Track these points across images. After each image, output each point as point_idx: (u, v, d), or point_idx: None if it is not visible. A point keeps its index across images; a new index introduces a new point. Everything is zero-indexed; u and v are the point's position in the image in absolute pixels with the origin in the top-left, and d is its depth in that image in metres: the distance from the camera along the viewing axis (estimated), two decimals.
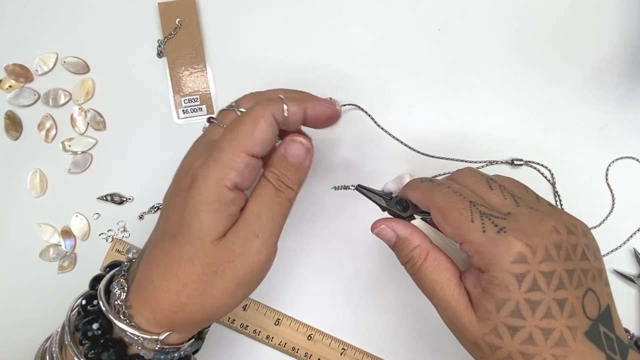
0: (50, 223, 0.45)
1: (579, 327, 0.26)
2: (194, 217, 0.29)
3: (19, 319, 0.44)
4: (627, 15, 0.46)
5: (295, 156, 0.32)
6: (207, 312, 0.30)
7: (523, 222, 0.27)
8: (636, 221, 0.45)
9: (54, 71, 0.46)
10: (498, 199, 0.29)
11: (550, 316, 0.26)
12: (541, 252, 0.26)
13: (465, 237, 0.28)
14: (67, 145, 0.45)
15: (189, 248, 0.29)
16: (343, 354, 0.43)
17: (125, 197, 0.45)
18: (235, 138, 0.29)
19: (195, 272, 0.29)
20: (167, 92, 0.46)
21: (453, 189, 0.30)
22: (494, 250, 0.26)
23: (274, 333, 0.44)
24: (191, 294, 0.29)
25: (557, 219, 0.27)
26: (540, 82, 0.46)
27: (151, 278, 0.29)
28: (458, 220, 0.28)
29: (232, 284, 0.29)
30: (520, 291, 0.26)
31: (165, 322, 0.29)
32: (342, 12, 0.46)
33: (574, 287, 0.26)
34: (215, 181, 0.29)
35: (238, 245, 0.29)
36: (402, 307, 0.44)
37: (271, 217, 0.30)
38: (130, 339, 0.29)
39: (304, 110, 0.32)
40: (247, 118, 0.30)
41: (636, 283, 0.44)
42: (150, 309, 0.29)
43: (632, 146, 0.45)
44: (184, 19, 0.45)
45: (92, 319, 0.30)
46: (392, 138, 0.45)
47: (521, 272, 0.26)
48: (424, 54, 0.46)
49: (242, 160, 0.29)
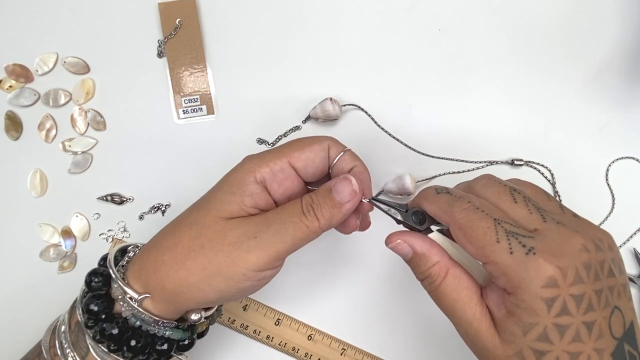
0: (50, 223, 0.45)
1: (605, 349, 0.25)
2: (213, 192, 0.31)
3: (19, 319, 0.44)
4: (627, 15, 0.46)
5: (339, 192, 0.31)
6: (177, 282, 0.29)
7: (552, 241, 0.25)
8: (636, 221, 0.45)
9: (54, 71, 0.46)
10: (523, 214, 0.27)
11: (578, 340, 0.25)
12: (572, 275, 0.25)
13: (491, 258, 0.26)
14: (67, 146, 0.45)
15: (195, 214, 0.30)
16: (343, 354, 0.43)
17: (125, 197, 0.45)
18: (287, 146, 0.31)
19: (188, 236, 0.30)
20: (167, 92, 0.46)
21: (474, 204, 0.27)
22: (523, 274, 0.25)
23: (274, 333, 0.44)
24: (173, 257, 0.30)
25: (585, 234, 0.26)
26: (540, 82, 0.46)
27: (154, 238, 0.31)
28: (482, 240, 0.26)
29: (210, 267, 0.29)
30: (550, 316, 0.25)
31: (145, 281, 0.30)
32: (343, 12, 0.46)
33: (602, 308, 0.25)
34: (247, 170, 0.30)
35: (234, 235, 0.29)
36: (402, 307, 0.44)
37: (279, 231, 0.29)
38: (115, 291, 0.31)
39: (352, 166, 0.32)
40: (307, 138, 0.32)
41: (636, 283, 0.44)
42: (139, 263, 0.31)
43: (632, 146, 0.45)
44: (184, 19, 0.45)
45: (93, 284, 0.32)
46: (392, 138, 0.45)
47: (551, 297, 0.25)
48: (424, 54, 0.46)
49: (280, 163, 0.30)
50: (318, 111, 0.44)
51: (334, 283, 0.45)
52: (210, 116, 0.46)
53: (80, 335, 0.32)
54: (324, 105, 0.44)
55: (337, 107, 0.44)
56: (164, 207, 0.45)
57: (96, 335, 0.30)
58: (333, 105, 0.44)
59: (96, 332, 0.30)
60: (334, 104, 0.44)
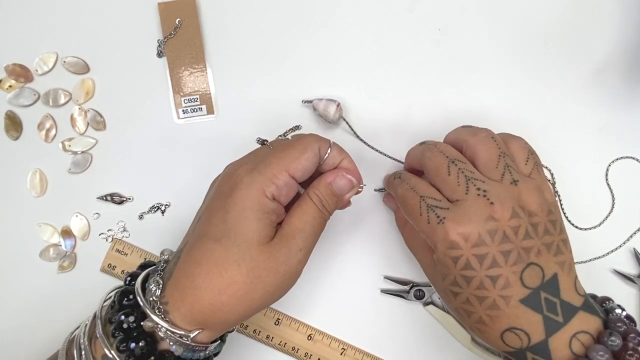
0: (50, 223, 0.45)
1: (513, 295, 0.31)
2: (240, 221, 0.31)
3: (19, 319, 0.44)
4: (627, 15, 0.46)
5: (340, 188, 0.36)
6: (242, 313, 0.32)
7: (463, 212, 0.32)
8: (636, 221, 0.45)
9: (54, 71, 0.46)
10: (452, 185, 0.33)
11: (482, 287, 0.31)
12: (474, 238, 0.31)
13: (417, 225, 0.34)
14: (67, 145, 0.45)
15: (236, 251, 0.31)
16: (343, 354, 0.43)
17: (125, 197, 0.45)
18: (283, 157, 0.33)
19: (240, 273, 0.31)
20: (167, 92, 0.46)
21: (411, 185, 0.35)
22: (435, 238, 0.33)
23: (274, 333, 0.44)
24: (233, 295, 0.31)
25: (503, 204, 0.32)
26: (540, 82, 0.46)
27: (192, 277, 0.31)
28: (412, 212, 0.34)
29: (271, 289, 0.32)
30: (456, 269, 0.32)
31: (200, 320, 0.31)
32: (342, 12, 0.46)
33: (511, 264, 0.31)
34: (257, 190, 0.31)
35: (283, 255, 0.32)
36: (401, 307, 0.44)
37: (312, 233, 0.34)
38: (163, 334, 0.30)
39: (342, 159, 0.37)
40: (298, 144, 0.34)
41: (636, 283, 0.44)
42: (188, 306, 0.31)
43: (632, 146, 0.45)
44: (184, 19, 0.45)
45: (128, 312, 0.31)
46: (380, 152, 0.45)
47: (456, 256, 0.32)
48: (424, 54, 0.46)
49: (283, 178, 0.32)
50: (320, 106, 0.44)
51: (333, 283, 0.45)
52: (210, 116, 0.46)
53: None
54: (328, 106, 0.43)
55: (337, 115, 0.43)
56: (163, 207, 0.45)
57: None
58: (335, 112, 0.43)
59: None
60: (337, 112, 0.43)
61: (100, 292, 0.44)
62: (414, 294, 0.43)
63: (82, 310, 0.44)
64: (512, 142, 0.36)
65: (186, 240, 0.34)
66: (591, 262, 0.44)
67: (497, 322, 0.32)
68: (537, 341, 0.31)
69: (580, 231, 0.45)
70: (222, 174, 0.36)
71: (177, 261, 0.32)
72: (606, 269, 0.44)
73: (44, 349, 0.44)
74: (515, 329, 0.31)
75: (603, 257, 0.44)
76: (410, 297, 0.43)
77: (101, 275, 0.45)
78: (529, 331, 0.31)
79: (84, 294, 0.44)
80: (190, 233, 0.34)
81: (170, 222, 0.45)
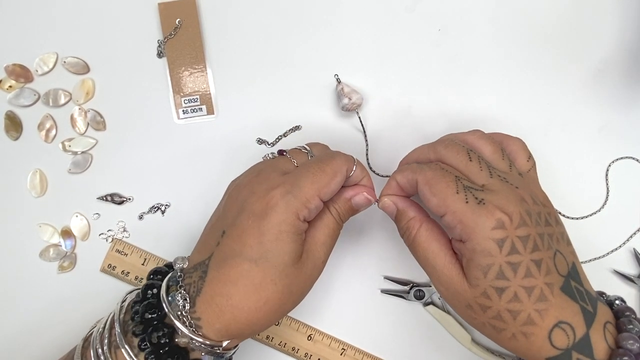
0: (50, 223, 0.45)
1: (555, 283, 0.30)
2: (277, 244, 0.32)
3: (19, 319, 0.44)
4: (627, 15, 0.46)
5: (358, 204, 0.37)
6: (272, 322, 0.34)
7: (498, 194, 0.31)
8: (636, 221, 0.45)
9: (54, 71, 0.46)
10: (475, 170, 0.33)
11: (530, 275, 0.29)
12: (517, 219, 0.30)
13: (451, 207, 0.31)
14: (67, 146, 0.45)
15: (273, 271, 0.32)
16: (343, 354, 0.43)
17: (125, 197, 0.45)
18: (316, 182, 0.34)
19: (276, 291, 0.32)
20: (167, 92, 0.46)
21: (439, 165, 0.34)
22: (476, 219, 0.30)
23: (274, 333, 0.44)
24: (269, 311, 0.32)
25: (523, 189, 0.32)
26: (540, 82, 0.46)
27: (228, 296, 0.32)
28: (445, 192, 0.32)
29: (299, 299, 0.35)
30: (502, 255, 0.30)
31: (234, 334, 0.32)
32: (342, 13, 0.46)
33: (546, 249, 0.30)
34: (293, 214, 0.33)
35: (309, 268, 0.34)
36: (401, 307, 0.44)
37: (331, 244, 0.36)
38: (196, 347, 0.32)
39: (363, 177, 0.37)
40: (329, 168, 0.34)
41: (636, 283, 0.44)
42: (224, 323, 0.32)
43: (632, 146, 0.45)
44: (184, 19, 0.45)
45: (158, 326, 0.32)
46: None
47: (501, 238, 0.29)
48: (424, 54, 0.46)
49: (315, 202, 0.33)
50: (346, 89, 0.43)
51: (333, 283, 0.45)
52: (210, 116, 0.46)
53: None
54: (353, 93, 0.43)
55: (358, 104, 0.44)
56: (163, 207, 0.45)
57: None
58: (357, 99, 0.43)
59: None
60: (358, 101, 0.43)
61: (101, 292, 0.44)
62: (414, 294, 0.43)
63: (82, 311, 0.44)
64: (511, 141, 0.37)
65: (210, 252, 0.33)
66: (591, 262, 0.44)
67: (547, 317, 0.29)
68: (580, 336, 0.30)
69: (580, 231, 0.45)
70: (246, 190, 0.35)
71: (203, 276, 0.33)
72: (606, 269, 0.44)
73: (44, 349, 0.44)
74: (563, 322, 0.30)
75: (603, 257, 0.44)
76: (410, 297, 0.43)
77: (101, 276, 0.45)
78: (573, 324, 0.30)
79: (84, 294, 0.44)
80: (215, 246, 0.34)
81: (170, 222, 0.45)
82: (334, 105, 0.46)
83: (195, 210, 0.45)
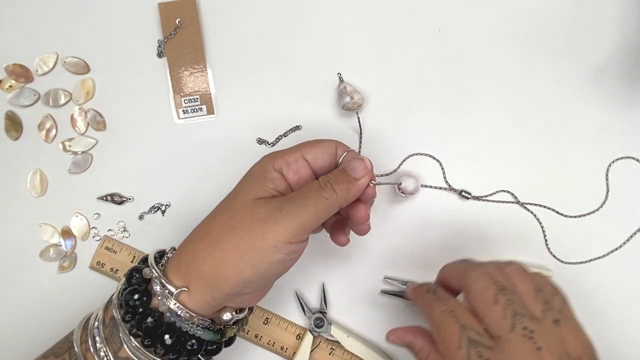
0: (50, 223, 0.45)
1: None
2: (239, 183, 0.34)
3: (19, 319, 0.44)
4: (627, 15, 0.46)
5: (354, 169, 0.33)
6: (213, 264, 0.31)
7: (507, 356, 0.28)
8: (636, 221, 0.44)
9: (54, 71, 0.46)
10: (497, 317, 0.30)
11: None
12: None
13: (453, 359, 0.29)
14: (67, 145, 0.45)
15: (225, 202, 0.34)
16: (332, 354, 0.43)
17: (125, 197, 0.45)
18: (300, 145, 0.35)
19: (220, 221, 0.32)
20: (167, 92, 0.46)
21: (450, 307, 0.31)
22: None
23: (263, 332, 0.44)
24: (208, 242, 0.31)
25: (550, 349, 0.28)
26: (540, 82, 0.46)
27: (190, 234, 0.33)
28: (448, 342, 0.30)
29: (243, 243, 0.31)
30: None
31: (184, 272, 0.32)
32: (342, 13, 0.46)
33: None
34: (266, 161, 0.34)
35: (261, 211, 0.31)
36: (401, 307, 0.44)
37: (302, 204, 0.31)
38: (154, 285, 0.32)
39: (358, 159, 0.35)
40: (317, 140, 0.35)
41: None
42: (177, 258, 0.32)
43: (632, 146, 0.45)
44: (184, 19, 0.45)
45: (134, 289, 0.32)
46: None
47: None
48: (424, 54, 0.46)
49: (294, 155, 0.34)
50: (348, 88, 0.44)
51: (333, 283, 0.44)
52: (210, 116, 0.46)
53: (114, 331, 0.32)
54: (355, 93, 0.43)
55: (359, 104, 0.44)
56: (163, 207, 0.45)
57: (132, 329, 0.31)
58: (359, 99, 0.44)
59: (132, 325, 0.31)
60: (359, 101, 0.44)
61: (101, 292, 0.44)
62: None
63: (82, 310, 0.44)
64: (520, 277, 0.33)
65: None
66: (591, 262, 0.44)
67: None
68: None
69: (579, 231, 0.45)
70: None
71: None
72: (606, 269, 0.44)
73: (45, 349, 0.44)
74: None
75: (603, 257, 0.44)
76: None
77: (101, 276, 0.45)
78: None
79: (84, 294, 0.44)
80: None
81: (170, 222, 0.45)
82: (334, 105, 0.46)
83: (195, 210, 0.45)
